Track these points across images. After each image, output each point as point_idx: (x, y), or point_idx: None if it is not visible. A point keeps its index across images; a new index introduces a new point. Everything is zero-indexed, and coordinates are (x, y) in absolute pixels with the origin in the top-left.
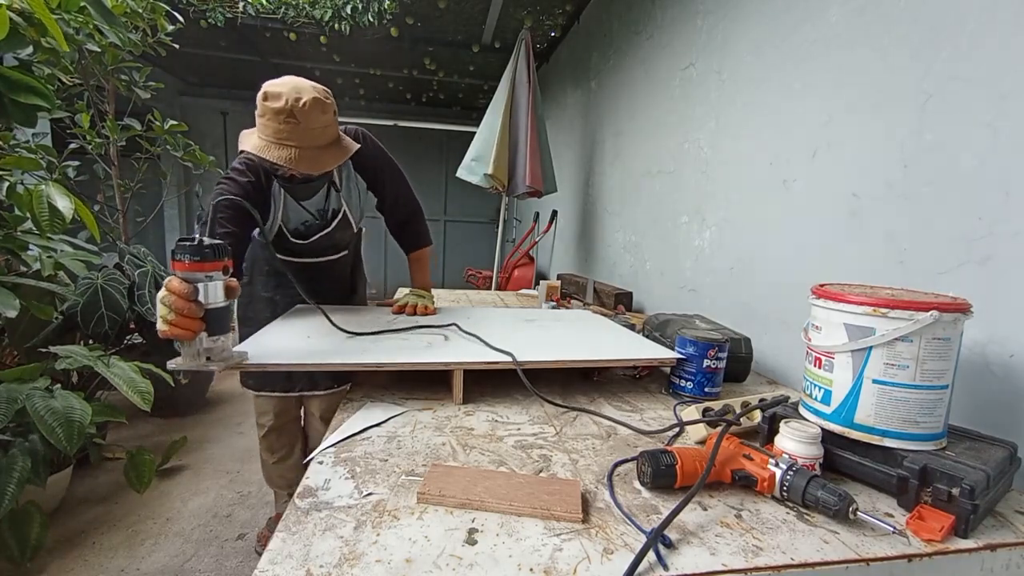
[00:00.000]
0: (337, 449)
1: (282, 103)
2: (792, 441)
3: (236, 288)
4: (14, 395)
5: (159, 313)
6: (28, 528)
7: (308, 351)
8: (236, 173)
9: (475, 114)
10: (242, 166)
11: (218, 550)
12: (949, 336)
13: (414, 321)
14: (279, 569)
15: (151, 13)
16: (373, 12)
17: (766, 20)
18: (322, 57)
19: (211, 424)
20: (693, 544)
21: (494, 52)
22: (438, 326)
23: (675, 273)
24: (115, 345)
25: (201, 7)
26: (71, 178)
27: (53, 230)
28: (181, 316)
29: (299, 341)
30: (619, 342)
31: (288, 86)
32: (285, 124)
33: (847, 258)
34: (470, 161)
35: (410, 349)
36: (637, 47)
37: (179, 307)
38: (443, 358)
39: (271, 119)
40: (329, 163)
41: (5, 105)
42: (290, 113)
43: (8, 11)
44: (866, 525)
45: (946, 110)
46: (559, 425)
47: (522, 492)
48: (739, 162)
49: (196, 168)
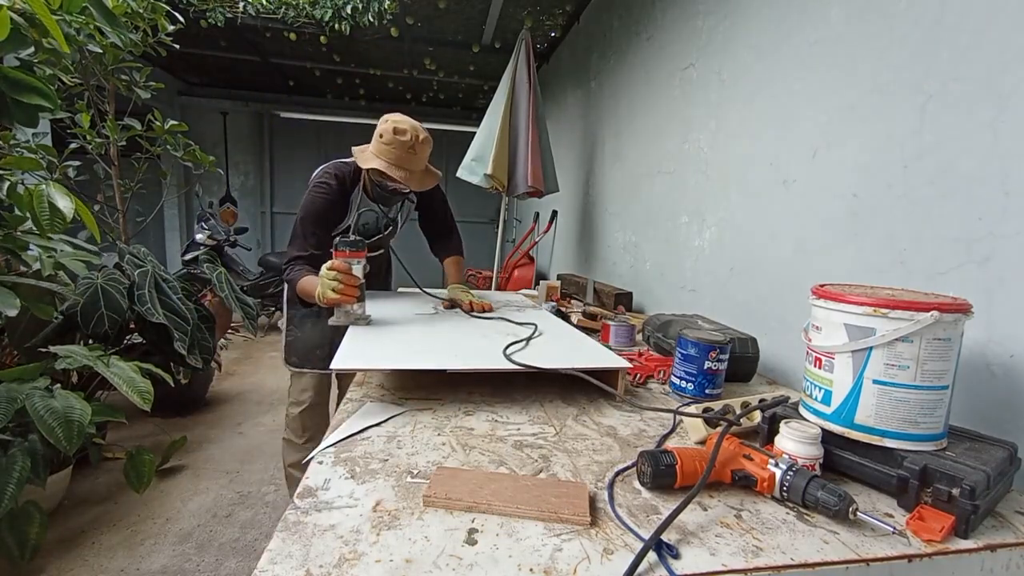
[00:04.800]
0: (337, 449)
1: (407, 138)
2: (792, 441)
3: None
4: (14, 395)
5: (328, 287)
6: (28, 528)
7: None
8: (328, 179)
9: (475, 114)
10: (335, 172)
11: (218, 550)
12: (949, 336)
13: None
14: (279, 569)
15: (151, 13)
16: (373, 12)
17: (766, 21)
18: (322, 57)
19: (211, 424)
20: (693, 544)
21: (494, 52)
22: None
23: (675, 273)
24: (115, 345)
25: (201, 7)
26: (71, 178)
27: (53, 230)
28: (348, 286)
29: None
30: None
31: (410, 124)
32: (407, 153)
33: (847, 258)
34: (470, 161)
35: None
36: (637, 47)
37: (347, 280)
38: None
39: (397, 148)
40: (429, 184)
41: (7, 105)
42: (412, 146)
43: (9, 12)
44: (866, 525)
45: (946, 110)
46: (559, 425)
47: (529, 495)
48: (739, 162)
49: (196, 168)
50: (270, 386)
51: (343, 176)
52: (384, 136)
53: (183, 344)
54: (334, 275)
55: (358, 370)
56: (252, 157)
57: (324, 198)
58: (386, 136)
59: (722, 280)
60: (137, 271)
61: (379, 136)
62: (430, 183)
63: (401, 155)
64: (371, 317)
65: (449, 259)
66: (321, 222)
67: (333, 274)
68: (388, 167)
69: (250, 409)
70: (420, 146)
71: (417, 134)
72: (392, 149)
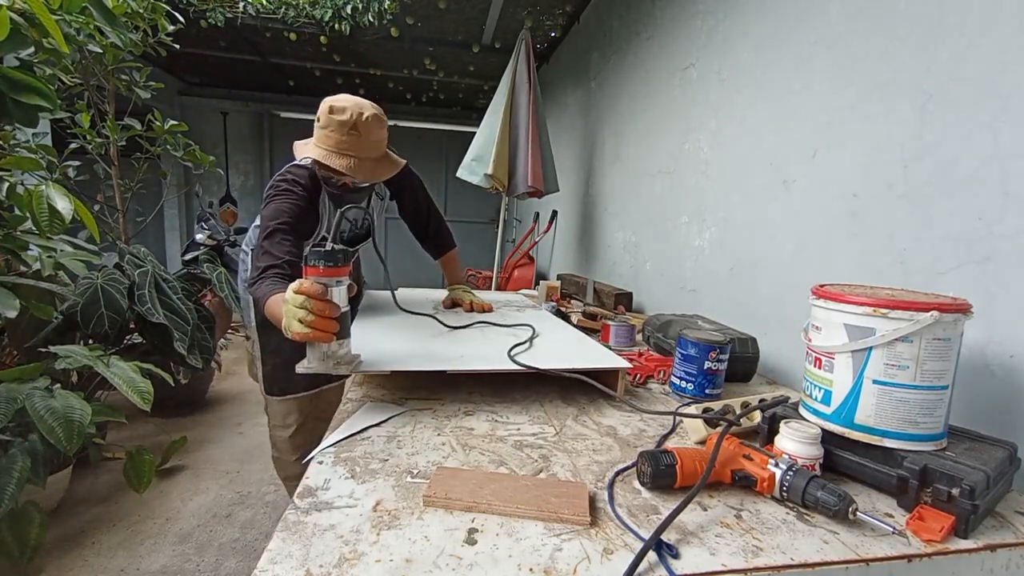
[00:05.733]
0: (337, 449)
1: (347, 116)
2: (792, 441)
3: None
4: (14, 395)
5: (294, 316)
6: (28, 528)
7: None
8: (290, 185)
9: (475, 114)
10: (295, 178)
11: (218, 550)
12: (949, 336)
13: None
14: (279, 569)
15: (151, 13)
16: (373, 12)
17: (766, 20)
18: (322, 57)
19: (211, 424)
20: (693, 544)
21: (494, 52)
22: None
23: (675, 273)
24: (115, 345)
25: (201, 7)
26: (71, 178)
27: (53, 230)
28: (321, 317)
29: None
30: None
31: (351, 102)
32: (348, 136)
33: (847, 258)
34: (470, 161)
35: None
36: (637, 47)
37: (319, 308)
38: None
39: (335, 130)
40: (383, 174)
41: (7, 105)
42: (353, 126)
43: (9, 12)
44: (866, 525)
45: (946, 110)
46: (559, 425)
47: (529, 495)
48: (739, 162)
49: (196, 168)
50: None
51: (305, 180)
52: (321, 119)
53: (183, 344)
54: (302, 300)
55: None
56: (252, 157)
57: (291, 206)
58: (323, 119)
59: (722, 280)
60: (137, 271)
61: (316, 121)
62: (385, 172)
63: (341, 139)
64: (360, 359)
65: (444, 257)
66: (291, 230)
67: (301, 299)
68: (327, 155)
69: (250, 409)
70: (365, 126)
71: (360, 112)
72: (330, 133)
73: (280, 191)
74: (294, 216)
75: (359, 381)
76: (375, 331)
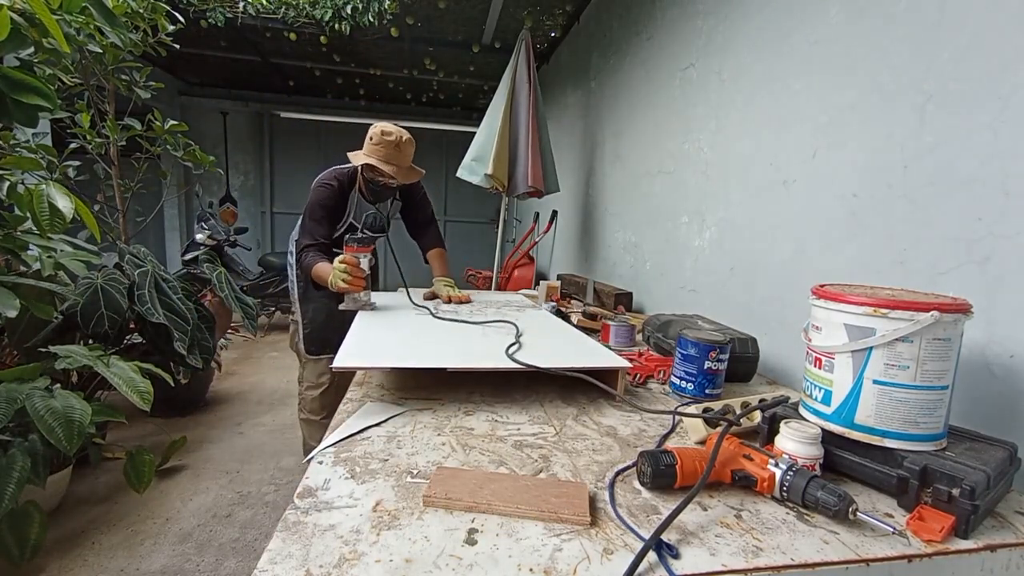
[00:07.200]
0: (337, 449)
1: (393, 137)
2: (792, 441)
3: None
4: (14, 395)
5: (340, 277)
6: (28, 528)
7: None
8: (331, 180)
9: (475, 114)
10: (336, 175)
11: (218, 550)
12: (949, 336)
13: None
14: (279, 569)
15: (151, 13)
16: (373, 12)
17: (766, 21)
18: (322, 57)
19: (211, 424)
20: (693, 544)
21: (494, 52)
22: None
23: (675, 273)
24: (115, 345)
25: (201, 7)
26: (71, 178)
27: (53, 230)
28: (354, 277)
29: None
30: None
31: (395, 128)
32: (394, 151)
33: (847, 258)
34: (470, 161)
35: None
36: (637, 47)
37: (355, 272)
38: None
39: (384, 147)
40: (413, 178)
41: (7, 105)
42: (396, 144)
43: (9, 12)
44: (866, 525)
45: (946, 110)
46: (559, 425)
47: (529, 495)
48: (739, 162)
49: (196, 168)
50: (270, 386)
51: (343, 179)
52: (374, 138)
53: (183, 344)
54: (344, 267)
55: (358, 368)
56: (252, 157)
57: (329, 195)
58: (375, 138)
59: (722, 280)
60: (137, 271)
61: (369, 139)
62: (414, 177)
63: (389, 152)
64: (376, 303)
65: (432, 252)
66: (327, 216)
67: (343, 267)
68: (379, 163)
69: (250, 409)
70: (404, 145)
71: (401, 135)
72: (380, 148)
73: (323, 184)
74: (327, 208)
75: (359, 381)
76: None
